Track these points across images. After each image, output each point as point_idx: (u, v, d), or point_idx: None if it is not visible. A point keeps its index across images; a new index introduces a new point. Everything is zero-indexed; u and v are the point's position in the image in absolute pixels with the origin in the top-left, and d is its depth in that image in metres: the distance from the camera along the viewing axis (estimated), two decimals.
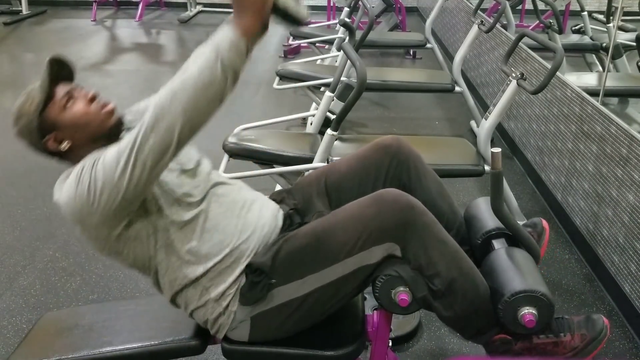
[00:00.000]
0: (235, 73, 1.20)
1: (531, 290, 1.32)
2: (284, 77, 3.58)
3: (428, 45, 4.51)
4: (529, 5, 4.68)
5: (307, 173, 2.37)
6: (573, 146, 2.70)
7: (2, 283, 2.39)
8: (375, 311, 1.52)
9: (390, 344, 1.67)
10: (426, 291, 1.35)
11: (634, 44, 3.43)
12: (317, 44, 4.56)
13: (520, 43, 2.76)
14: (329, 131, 2.36)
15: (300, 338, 1.41)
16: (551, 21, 3.98)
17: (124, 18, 7.62)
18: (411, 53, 5.93)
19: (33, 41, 6.43)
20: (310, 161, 2.42)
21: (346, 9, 4.44)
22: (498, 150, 1.38)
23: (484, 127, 2.53)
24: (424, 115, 4.35)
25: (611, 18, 3.71)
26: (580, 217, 2.61)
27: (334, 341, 1.40)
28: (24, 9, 7.45)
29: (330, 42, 4.59)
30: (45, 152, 1.43)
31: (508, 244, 1.52)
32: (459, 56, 3.58)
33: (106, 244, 1.35)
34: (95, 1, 7.48)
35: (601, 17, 4.02)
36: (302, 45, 5.46)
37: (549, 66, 2.21)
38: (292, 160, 2.46)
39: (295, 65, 3.75)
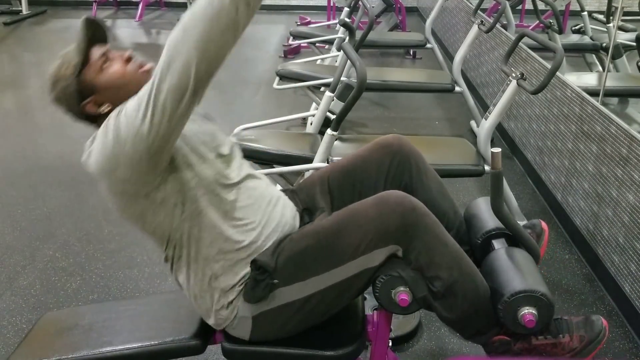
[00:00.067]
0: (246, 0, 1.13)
1: (531, 290, 1.32)
2: (284, 77, 3.58)
3: (428, 45, 4.51)
4: (529, 5, 4.67)
5: (308, 173, 2.38)
6: (573, 146, 2.70)
7: (2, 283, 2.39)
8: (375, 311, 1.52)
9: (390, 344, 1.67)
10: (426, 291, 1.35)
11: (634, 44, 3.42)
12: (317, 44, 4.55)
13: (520, 43, 2.76)
14: (329, 131, 2.36)
15: (300, 338, 1.41)
16: (551, 21, 3.98)
17: (124, 18, 7.62)
18: (411, 53, 5.93)
19: (33, 41, 6.43)
20: (310, 161, 2.42)
21: (346, 9, 4.44)
22: (498, 150, 1.38)
23: (484, 127, 2.53)
24: (424, 115, 4.35)
25: (611, 18, 3.71)
26: (580, 217, 2.61)
27: (334, 341, 1.40)
28: (24, 9, 7.46)
29: (330, 42, 4.59)
30: (83, 117, 1.39)
31: (508, 244, 1.52)
32: (459, 56, 3.58)
33: (131, 204, 1.30)
34: (95, 1, 7.49)
35: (601, 17, 4.02)
36: (302, 45, 5.45)
37: (549, 66, 2.21)
38: (292, 160, 2.46)
39: (295, 65, 3.75)
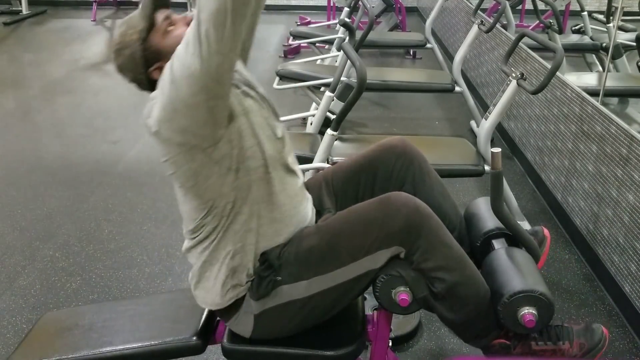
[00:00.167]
0: None
1: (530, 290, 1.32)
2: (284, 77, 3.58)
3: (428, 45, 4.51)
4: (529, 5, 4.68)
5: (308, 173, 2.37)
6: (573, 146, 2.70)
7: (2, 283, 2.39)
8: (375, 311, 1.52)
9: (390, 344, 1.67)
10: (427, 292, 1.36)
11: (634, 44, 3.42)
12: (317, 44, 4.55)
13: (520, 43, 2.76)
14: (329, 131, 2.36)
15: (300, 338, 1.41)
16: (551, 21, 3.98)
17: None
18: (411, 53, 5.94)
19: (33, 41, 6.43)
20: (310, 161, 2.42)
21: (346, 9, 4.44)
22: (498, 150, 1.38)
23: (484, 127, 2.53)
24: (424, 115, 4.35)
25: (611, 18, 3.71)
26: (580, 217, 2.61)
27: (334, 341, 1.40)
28: (24, 9, 7.46)
29: (330, 42, 4.59)
30: (148, 85, 1.36)
31: (508, 244, 1.52)
32: (459, 56, 3.58)
33: (188, 158, 1.27)
34: (95, 1, 7.49)
35: (601, 17, 4.02)
36: (302, 45, 5.46)
37: (549, 66, 2.21)
38: None
39: (295, 65, 3.75)
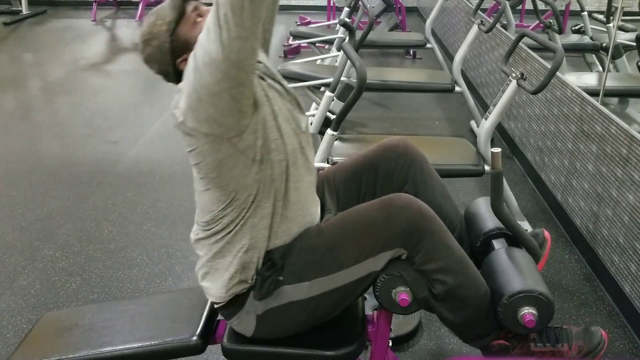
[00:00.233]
0: None
1: (530, 290, 1.32)
2: (284, 77, 3.54)
3: (428, 45, 4.51)
4: (529, 5, 4.68)
5: None
6: (573, 146, 2.70)
7: (2, 283, 2.39)
8: (375, 311, 1.52)
9: (390, 344, 1.67)
10: (427, 292, 1.36)
11: (634, 44, 3.42)
12: (317, 44, 4.56)
13: (520, 43, 2.76)
14: (329, 131, 2.37)
15: (300, 338, 1.41)
16: (551, 21, 3.98)
17: (124, 18, 7.63)
18: (411, 53, 5.94)
19: (33, 41, 6.43)
20: None
21: (346, 9, 4.44)
22: (498, 150, 1.38)
23: (484, 127, 2.53)
24: (424, 115, 4.35)
25: (611, 18, 3.71)
26: (580, 217, 2.61)
27: (334, 341, 1.40)
28: (24, 9, 7.46)
29: (330, 42, 4.59)
30: (174, 77, 1.36)
31: (508, 244, 1.52)
32: (459, 56, 3.58)
33: (214, 149, 1.27)
34: (95, 1, 7.49)
35: (601, 17, 4.02)
36: (302, 45, 5.46)
37: (549, 66, 2.21)
38: None
39: (295, 65, 3.75)
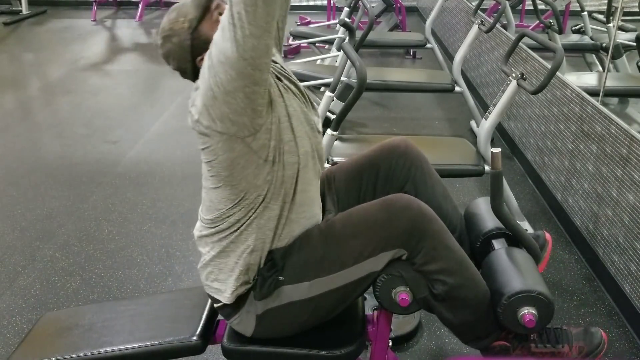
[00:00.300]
0: None
1: (529, 290, 1.32)
2: None
3: (428, 45, 4.51)
4: (529, 5, 4.68)
5: None
6: (573, 146, 2.70)
7: (2, 283, 2.39)
8: (375, 311, 1.52)
9: (390, 344, 1.67)
10: (427, 292, 1.36)
11: (634, 44, 3.42)
12: (317, 44, 4.56)
13: (520, 43, 2.76)
14: (329, 131, 2.37)
15: (300, 338, 1.41)
16: (551, 21, 3.98)
17: (124, 18, 7.63)
18: (411, 53, 5.93)
19: (33, 41, 6.43)
20: None
21: (346, 9, 4.44)
22: (498, 150, 1.38)
23: (484, 127, 2.53)
24: (424, 115, 4.35)
25: (611, 18, 3.71)
26: (580, 217, 2.61)
27: (334, 341, 1.40)
28: (24, 9, 7.46)
29: (330, 42, 4.59)
30: (192, 74, 1.35)
31: (508, 244, 1.52)
32: (459, 56, 3.58)
33: (227, 147, 1.26)
34: (95, 1, 7.49)
35: (601, 17, 4.02)
36: (302, 45, 5.46)
37: (549, 66, 2.21)
38: None
39: (295, 65, 3.75)
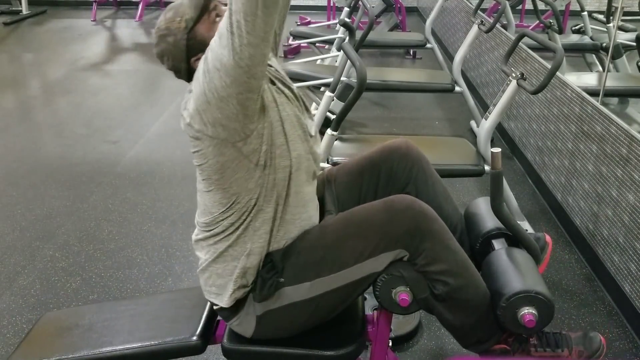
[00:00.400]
0: None
1: (529, 290, 1.32)
2: None
3: (428, 45, 4.51)
4: (529, 5, 4.68)
5: None
6: (573, 146, 2.70)
7: (2, 283, 2.39)
8: (375, 311, 1.52)
9: (390, 344, 1.67)
10: (427, 293, 1.36)
11: (634, 44, 3.42)
12: (317, 44, 4.55)
13: (520, 43, 2.76)
14: (329, 131, 2.37)
15: (300, 338, 1.41)
16: (551, 21, 3.98)
17: (124, 18, 7.63)
18: (411, 53, 5.94)
19: (33, 41, 6.43)
20: None
21: (346, 9, 4.44)
22: (498, 150, 1.38)
23: (484, 127, 2.53)
24: (424, 115, 4.35)
25: (611, 18, 3.71)
26: (580, 217, 2.61)
27: (334, 341, 1.40)
28: (24, 9, 7.46)
29: (330, 42, 4.59)
30: (186, 74, 1.36)
31: (508, 244, 1.52)
32: (459, 56, 3.58)
33: (218, 151, 1.26)
34: (95, 1, 7.49)
35: (601, 17, 4.02)
36: (302, 45, 5.46)
37: (549, 66, 2.21)
38: None
39: (295, 65, 3.75)
